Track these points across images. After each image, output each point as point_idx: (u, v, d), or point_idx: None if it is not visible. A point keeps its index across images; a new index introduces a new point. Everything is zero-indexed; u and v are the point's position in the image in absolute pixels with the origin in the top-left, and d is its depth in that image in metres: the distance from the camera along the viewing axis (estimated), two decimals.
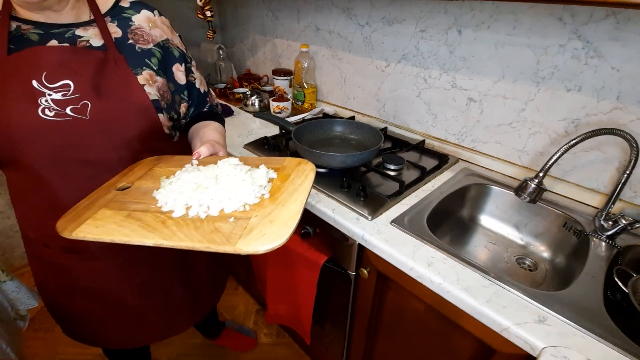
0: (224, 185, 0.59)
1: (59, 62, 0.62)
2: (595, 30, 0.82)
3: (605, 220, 0.82)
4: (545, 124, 0.96)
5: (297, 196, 0.57)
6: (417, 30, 1.14)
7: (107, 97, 0.65)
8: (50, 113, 0.61)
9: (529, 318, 0.61)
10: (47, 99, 0.60)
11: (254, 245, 0.49)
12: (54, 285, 0.83)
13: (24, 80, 0.59)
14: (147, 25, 0.74)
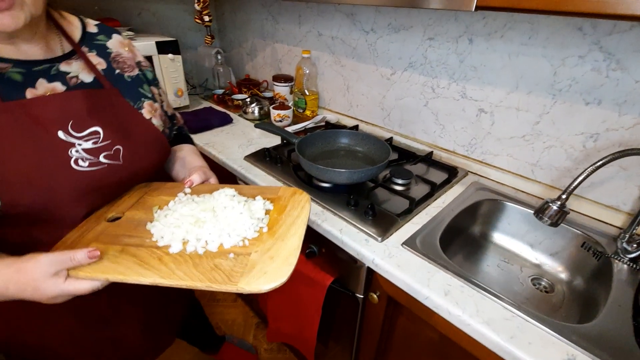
0: (222, 218, 0.57)
1: (80, 108, 0.58)
2: (618, 41, 0.77)
3: (628, 243, 0.77)
4: (562, 138, 0.92)
5: (295, 230, 0.57)
6: (425, 38, 1.09)
7: (132, 138, 0.64)
8: (84, 163, 0.57)
9: (557, 357, 0.56)
10: (76, 150, 0.57)
11: (256, 284, 0.48)
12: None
13: (52, 131, 0.55)
14: (123, 50, 0.71)
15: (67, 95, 0.58)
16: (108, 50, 0.68)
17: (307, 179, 1.03)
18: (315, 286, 0.92)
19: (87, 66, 0.63)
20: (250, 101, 1.51)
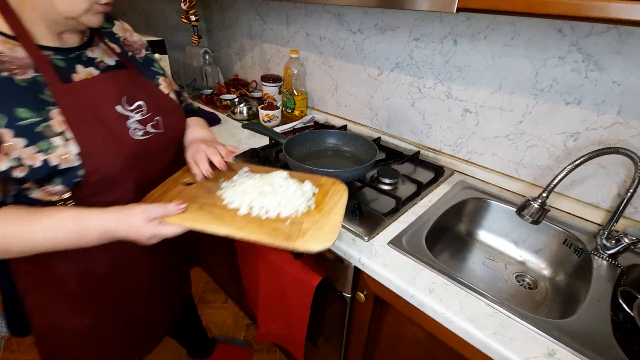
0: (279, 193, 0.69)
1: (127, 85, 0.67)
2: (596, 43, 0.79)
3: (607, 239, 0.79)
4: (544, 137, 0.94)
5: (337, 210, 0.69)
6: (411, 38, 1.10)
7: (163, 110, 0.72)
8: (139, 133, 0.66)
9: (538, 352, 0.58)
10: (131, 121, 0.65)
11: (308, 245, 0.60)
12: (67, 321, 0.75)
13: (109, 106, 0.63)
14: (127, 35, 0.77)
15: (106, 76, 0.65)
16: (116, 35, 0.74)
17: None
18: (304, 286, 0.92)
19: (108, 51, 0.69)
20: (238, 101, 1.51)
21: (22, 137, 0.53)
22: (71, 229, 0.57)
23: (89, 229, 0.58)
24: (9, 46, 0.54)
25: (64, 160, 0.56)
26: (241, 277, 1.25)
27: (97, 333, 0.79)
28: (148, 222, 0.59)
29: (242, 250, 1.15)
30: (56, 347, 0.78)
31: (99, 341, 0.81)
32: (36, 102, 0.55)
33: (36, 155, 0.54)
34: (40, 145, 0.54)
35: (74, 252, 0.61)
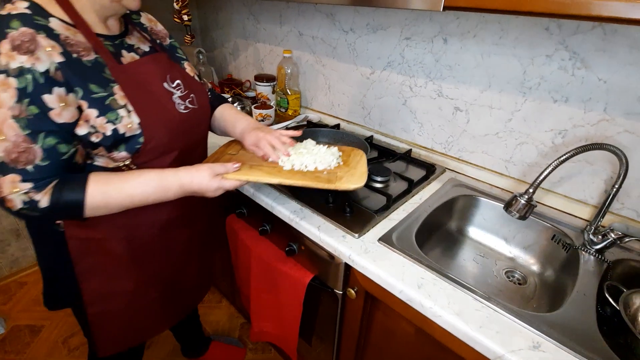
0: (314, 153, 0.83)
1: (167, 66, 0.75)
2: (582, 41, 0.80)
3: (594, 234, 0.81)
4: (532, 135, 0.95)
5: (361, 164, 0.84)
6: (402, 37, 1.11)
7: (194, 89, 0.79)
8: (182, 107, 0.75)
9: (523, 344, 0.58)
10: (175, 97, 0.74)
11: (345, 185, 0.74)
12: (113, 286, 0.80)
13: (158, 84, 0.72)
14: (152, 25, 0.85)
15: (148, 59, 0.73)
16: (144, 25, 0.82)
17: None
18: (295, 284, 0.93)
19: (141, 38, 0.77)
20: (232, 101, 1.51)
21: (95, 109, 0.62)
22: (156, 184, 0.68)
23: (170, 184, 0.69)
24: (71, 32, 0.61)
25: (128, 129, 0.65)
26: (234, 274, 1.25)
27: (139, 297, 0.85)
28: (213, 177, 0.71)
29: (235, 249, 1.15)
30: (101, 313, 0.82)
31: (140, 306, 0.86)
32: (101, 79, 0.63)
33: (106, 125, 0.63)
34: (109, 116, 0.63)
35: (123, 218, 0.71)
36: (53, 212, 0.61)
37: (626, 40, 0.76)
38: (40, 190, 0.59)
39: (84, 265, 0.76)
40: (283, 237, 0.98)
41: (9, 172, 0.57)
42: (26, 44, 0.55)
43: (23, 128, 0.56)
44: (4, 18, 0.56)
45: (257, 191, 0.98)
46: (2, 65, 0.54)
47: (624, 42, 0.76)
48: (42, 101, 0.57)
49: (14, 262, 1.76)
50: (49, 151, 0.59)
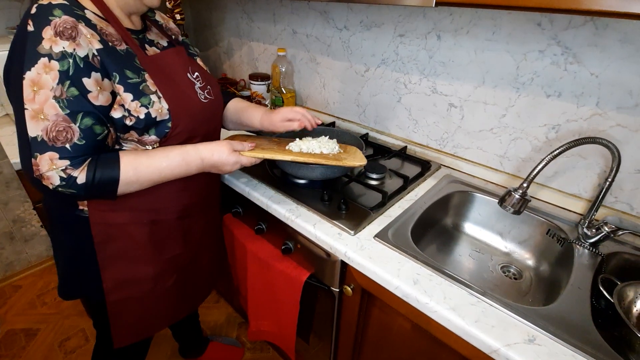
0: (318, 141, 0.94)
1: (187, 59, 0.81)
2: (574, 36, 0.81)
3: (588, 228, 0.81)
4: (526, 130, 0.95)
5: (359, 152, 0.95)
6: (396, 34, 1.11)
7: (210, 81, 0.85)
8: (202, 97, 0.79)
9: (518, 338, 0.59)
10: (197, 87, 0.79)
11: (351, 162, 0.85)
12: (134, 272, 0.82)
13: (182, 74, 0.77)
14: (166, 22, 0.90)
15: (169, 52, 0.77)
16: (159, 22, 0.87)
17: (282, 175, 1.04)
18: (292, 282, 0.93)
19: (159, 34, 0.82)
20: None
21: (130, 93, 0.66)
22: (180, 158, 0.72)
23: (192, 158, 0.73)
24: (104, 24, 0.66)
25: (159, 114, 0.69)
26: (231, 274, 1.25)
27: (158, 284, 0.86)
28: (232, 152, 0.76)
29: (231, 248, 1.15)
30: (121, 301, 0.83)
31: (157, 293, 0.87)
32: (134, 67, 0.68)
33: (140, 108, 0.67)
34: (142, 101, 0.67)
35: (146, 202, 0.76)
36: (89, 188, 0.63)
37: (617, 35, 0.76)
38: (77, 167, 0.62)
39: (107, 251, 0.77)
40: (279, 235, 0.98)
41: (47, 150, 0.60)
42: (68, 31, 0.59)
43: (63, 108, 0.59)
44: (47, 7, 0.59)
45: (252, 190, 0.98)
46: (46, 49, 0.58)
47: (615, 36, 0.76)
48: (81, 84, 0.60)
49: (8, 265, 1.75)
50: (86, 131, 0.62)
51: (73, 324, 1.56)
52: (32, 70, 0.58)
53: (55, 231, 0.81)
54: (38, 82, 0.58)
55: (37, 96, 0.58)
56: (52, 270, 1.84)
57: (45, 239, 1.83)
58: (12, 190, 1.63)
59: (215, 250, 1.07)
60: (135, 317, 0.88)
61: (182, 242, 0.88)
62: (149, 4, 0.72)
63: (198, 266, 0.98)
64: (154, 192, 0.76)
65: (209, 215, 0.96)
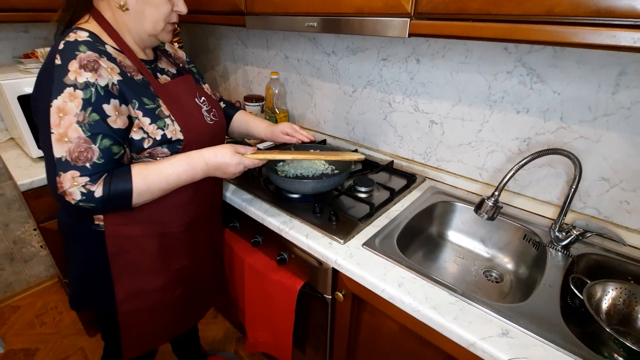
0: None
1: (194, 86, 0.89)
2: (536, 58, 0.90)
3: (559, 232, 0.88)
4: (501, 143, 1.03)
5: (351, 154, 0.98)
6: (380, 58, 1.20)
7: (214, 105, 0.92)
8: (208, 119, 0.87)
9: (493, 332, 0.64)
10: (203, 110, 0.87)
11: (350, 157, 0.94)
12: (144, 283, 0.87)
13: (191, 100, 0.85)
14: (174, 51, 0.99)
15: (178, 80, 0.86)
16: (168, 52, 0.95)
17: (276, 191, 1.10)
18: (287, 291, 0.98)
19: (169, 63, 0.91)
20: None
21: (148, 117, 0.74)
22: (185, 163, 0.77)
23: (196, 162, 0.78)
24: (122, 57, 0.75)
25: (174, 135, 0.77)
26: (229, 288, 1.29)
27: (166, 295, 0.91)
28: (234, 153, 0.81)
29: (229, 262, 1.20)
30: (131, 312, 0.88)
31: (165, 304, 0.92)
32: (149, 94, 0.76)
33: (157, 131, 0.75)
34: (159, 124, 0.75)
35: (157, 215, 0.82)
36: (106, 201, 0.69)
37: (574, 56, 0.85)
38: (95, 183, 0.68)
39: (120, 263, 0.82)
40: (274, 247, 1.04)
41: (70, 169, 0.66)
42: (91, 64, 0.67)
43: (85, 131, 0.66)
44: (73, 43, 0.68)
45: (248, 205, 1.04)
46: (72, 80, 0.66)
47: (572, 58, 0.85)
48: (102, 109, 0.68)
49: (8, 286, 1.77)
50: (105, 151, 0.69)
51: (72, 343, 1.57)
52: (58, 98, 0.65)
53: (69, 245, 0.87)
54: (64, 109, 0.65)
55: (62, 121, 0.65)
56: (50, 291, 1.86)
57: (44, 259, 1.86)
58: (13, 212, 1.67)
59: (217, 262, 1.12)
60: (144, 328, 0.92)
61: (188, 254, 0.93)
62: (162, 40, 0.81)
63: (201, 278, 1.03)
64: (162, 206, 0.82)
65: (212, 229, 1.02)
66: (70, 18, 0.74)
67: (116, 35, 0.75)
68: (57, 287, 1.88)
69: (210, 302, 1.14)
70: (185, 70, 0.95)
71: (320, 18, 0.91)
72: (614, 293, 0.79)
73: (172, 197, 0.81)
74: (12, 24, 1.46)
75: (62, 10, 0.75)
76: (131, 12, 0.73)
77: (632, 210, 0.88)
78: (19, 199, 1.67)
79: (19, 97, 1.20)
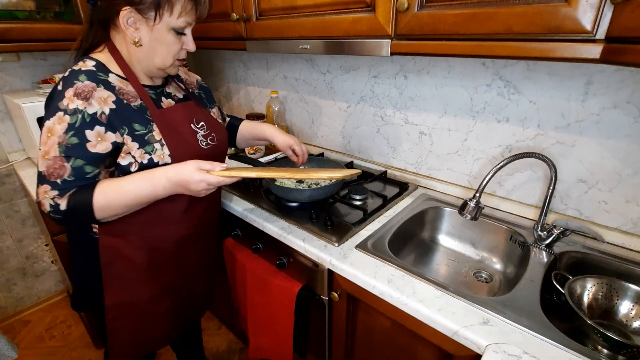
0: None
1: (194, 111, 0.93)
2: (512, 71, 0.98)
3: (541, 231, 0.93)
4: (485, 151, 1.10)
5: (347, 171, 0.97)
6: (371, 76, 1.30)
7: (215, 129, 0.97)
8: (204, 144, 0.92)
9: (474, 321, 0.69)
10: (199, 135, 0.91)
11: (342, 174, 0.92)
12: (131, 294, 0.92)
13: (186, 125, 0.89)
14: (186, 76, 1.05)
15: (181, 105, 0.91)
16: (181, 77, 1.00)
17: (276, 200, 1.17)
18: (286, 293, 1.03)
19: (177, 88, 0.96)
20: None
21: (136, 142, 0.79)
22: (147, 180, 0.77)
23: (158, 179, 0.78)
24: (124, 84, 0.81)
25: (161, 159, 0.81)
26: (232, 297, 1.34)
27: (154, 306, 0.96)
28: (198, 170, 0.78)
29: (231, 270, 1.25)
30: (118, 319, 0.93)
31: (152, 315, 0.97)
32: (143, 120, 0.81)
33: (144, 155, 0.79)
34: (147, 149, 0.80)
35: (146, 230, 0.87)
36: (70, 213, 0.75)
37: (545, 69, 0.93)
38: (62, 197, 0.74)
39: (110, 271, 0.88)
40: (274, 252, 1.10)
41: (44, 183, 0.74)
42: (84, 93, 0.73)
43: (61, 152, 0.73)
44: (76, 72, 0.75)
45: (249, 213, 1.11)
46: (64, 105, 0.73)
47: (544, 70, 0.93)
48: (83, 134, 0.73)
49: (19, 300, 1.83)
50: (76, 170, 0.74)
51: (80, 356, 1.62)
52: (50, 120, 0.73)
53: (73, 250, 0.94)
54: (52, 130, 0.73)
55: (49, 140, 0.73)
56: (59, 305, 1.91)
57: (54, 274, 1.92)
58: (27, 228, 1.75)
59: (210, 276, 1.17)
60: (130, 336, 0.96)
61: (178, 268, 0.98)
62: (169, 73, 0.88)
63: (192, 294, 1.07)
64: (153, 222, 0.88)
65: (206, 245, 1.06)
66: (88, 46, 0.84)
67: (124, 64, 0.82)
68: (66, 301, 1.94)
69: (200, 313, 1.18)
70: (193, 95, 0.99)
71: (313, 41, 1.00)
72: (595, 288, 0.84)
73: (163, 214, 0.87)
74: (31, 53, 1.58)
75: (81, 39, 0.84)
76: (144, 48, 0.80)
77: (611, 210, 0.94)
78: (32, 215, 1.75)
79: (38, 118, 1.30)
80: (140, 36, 0.79)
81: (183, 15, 0.78)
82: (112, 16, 0.78)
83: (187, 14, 0.79)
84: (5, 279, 1.76)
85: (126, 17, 0.76)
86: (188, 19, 0.80)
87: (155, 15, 0.76)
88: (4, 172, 1.61)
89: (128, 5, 0.75)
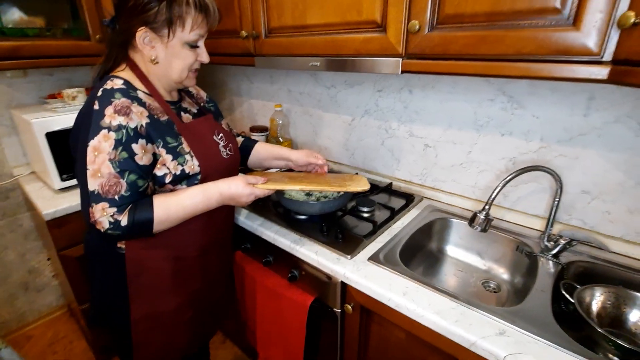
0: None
1: (214, 124, 0.99)
2: (515, 87, 1.01)
3: (548, 241, 0.96)
4: (490, 163, 1.13)
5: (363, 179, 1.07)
6: (375, 90, 1.33)
7: (230, 140, 1.02)
8: (224, 154, 0.97)
9: (491, 332, 0.71)
10: (220, 146, 0.97)
11: (354, 187, 0.97)
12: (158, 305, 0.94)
13: (210, 137, 0.95)
14: (196, 91, 1.09)
15: (200, 119, 0.96)
16: (191, 92, 1.06)
17: (285, 213, 1.18)
18: (298, 307, 1.04)
19: (192, 103, 1.01)
20: None
21: (170, 154, 0.83)
22: (202, 195, 0.85)
23: (211, 194, 0.86)
24: (151, 100, 0.85)
25: (191, 169, 0.86)
26: (239, 310, 1.34)
27: (179, 316, 0.98)
28: (246, 185, 0.88)
29: (241, 283, 1.26)
30: (145, 332, 0.94)
31: (179, 324, 0.99)
32: (173, 133, 0.85)
33: (177, 166, 0.84)
34: (179, 160, 0.84)
35: (174, 239, 0.90)
36: (130, 229, 0.77)
37: (548, 85, 0.97)
38: (121, 213, 0.76)
39: (137, 284, 0.89)
40: (285, 265, 1.11)
41: (101, 201, 0.76)
42: (124, 109, 0.77)
43: (115, 167, 0.75)
44: (110, 91, 0.78)
45: (259, 226, 1.12)
46: (107, 123, 0.75)
47: (546, 85, 0.97)
48: (130, 148, 0.77)
49: (21, 315, 1.80)
50: (131, 185, 0.77)
51: None
52: (95, 139, 0.75)
53: (93, 266, 0.94)
54: (98, 148, 0.75)
55: (97, 159, 0.75)
56: (60, 320, 1.89)
57: (55, 289, 1.90)
58: (29, 242, 1.74)
59: (226, 286, 1.19)
60: (155, 347, 0.97)
61: (200, 277, 1.00)
62: (186, 85, 0.92)
63: (211, 301, 1.09)
64: (179, 232, 0.90)
65: (223, 254, 1.10)
66: (110, 66, 0.86)
67: (147, 81, 0.86)
68: (67, 316, 1.91)
69: (219, 323, 1.20)
70: (206, 109, 1.05)
71: (323, 58, 1.03)
72: (603, 297, 0.86)
73: (188, 224, 0.89)
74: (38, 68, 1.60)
75: (104, 60, 0.87)
76: (160, 65, 0.84)
77: (615, 220, 0.97)
78: (35, 230, 1.74)
79: (46, 133, 1.31)
80: (156, 54, 0.83)
81: (195, 28, 0.82)
82: (129, 38, 0.82)
83: (198, 26, 0.82)
84: (9, 293, 1.74)
85: (142, 37, 0.80)
86: (200, 31, 0.83)
87: (169, 32, 0.80)
88: (9, 187, 1.60)
89: (143, 25, 0.78)
